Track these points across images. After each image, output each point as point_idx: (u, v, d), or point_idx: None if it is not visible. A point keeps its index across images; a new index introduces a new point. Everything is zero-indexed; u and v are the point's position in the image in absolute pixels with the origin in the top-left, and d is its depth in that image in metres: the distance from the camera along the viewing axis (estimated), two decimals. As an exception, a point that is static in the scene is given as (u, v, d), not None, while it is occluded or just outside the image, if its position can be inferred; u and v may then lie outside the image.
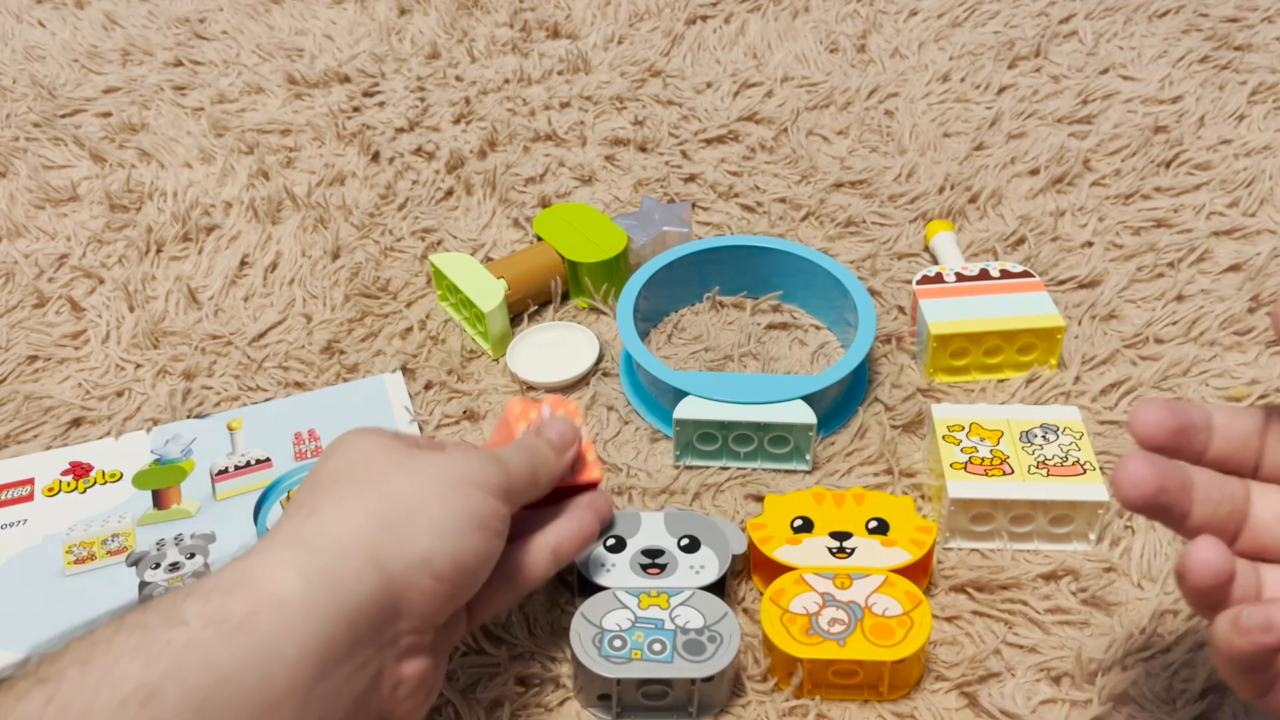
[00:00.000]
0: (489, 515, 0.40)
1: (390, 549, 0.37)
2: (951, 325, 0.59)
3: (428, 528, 0.38)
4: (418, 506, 0.38)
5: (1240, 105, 0.79)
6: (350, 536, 0.37)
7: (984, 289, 0.61)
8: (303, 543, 0.36)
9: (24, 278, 0.70)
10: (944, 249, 0.67)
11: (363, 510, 0.38)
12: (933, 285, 0.62)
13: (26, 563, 0.54)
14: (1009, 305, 0.60)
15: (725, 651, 0.45)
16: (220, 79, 0.88)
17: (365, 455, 0.41)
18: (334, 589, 0.35)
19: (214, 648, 0.32)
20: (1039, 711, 0.46)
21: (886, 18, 0.92)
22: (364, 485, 0.39)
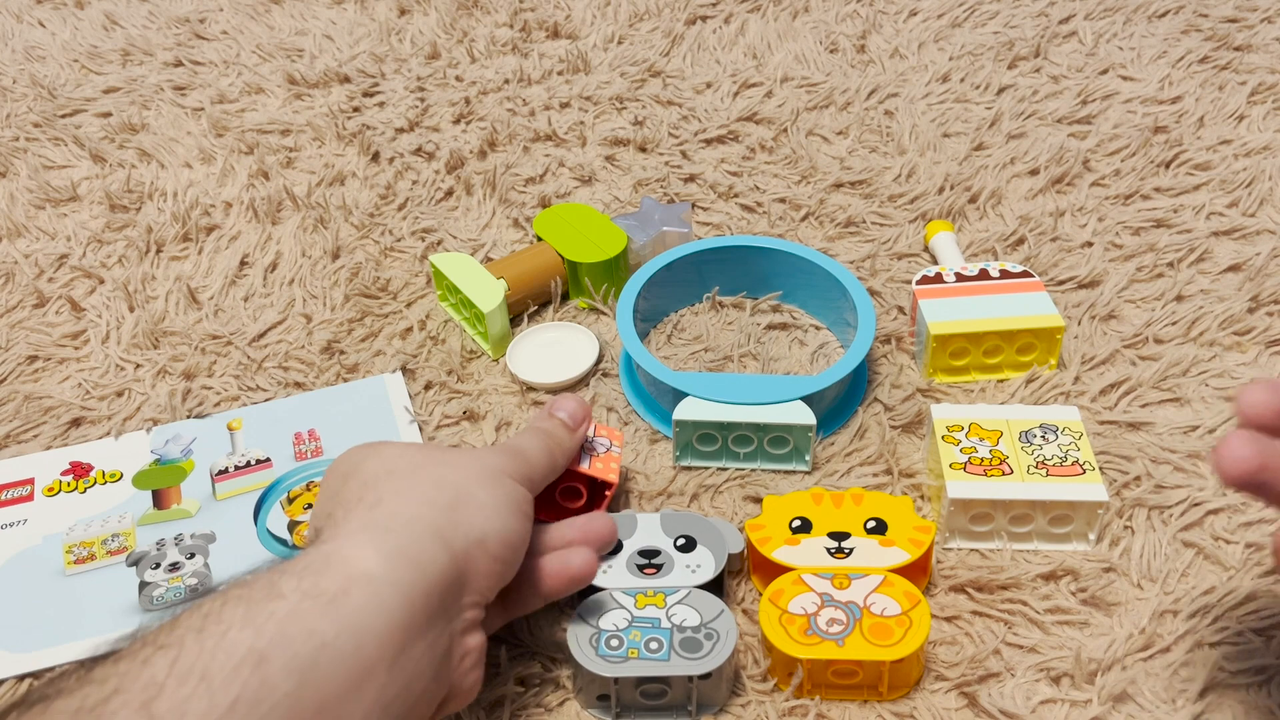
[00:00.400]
0: (522, 500, 0.44)
1: (453, 530, 0.41)
2: (951, 325, 0.59)
3: (479, 511, 0.42)
4: (467, 493, 0.42)
5: (1240, 105, 0.79)
6: (419, 519, 0.40)
7: (984, 289, 0.61)
8: (378, 526, 0.40)
9: (24, 278, 0.70)
10: (944, 249, 0.67)
11: (422, 497, 0.41)
12: (932, 285, 0.62)
13: (26, 563, 0.54)
14: (1009, 305, 0.60)
15: (722, 648, 0.45)
16: (220, 79, 0.88)
17: (402, 456, 0.44)
18: (413, 565, 0.39)
19: (313, 618, 0.36)
20: (1038, 711, 0.46)
21: (886, 18, 0.92)
22: (414, 478, 0.43)
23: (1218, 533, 0.52)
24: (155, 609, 0.51)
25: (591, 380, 0.62)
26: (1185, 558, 0.52)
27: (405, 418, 0.60)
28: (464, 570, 0.41)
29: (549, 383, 0.61)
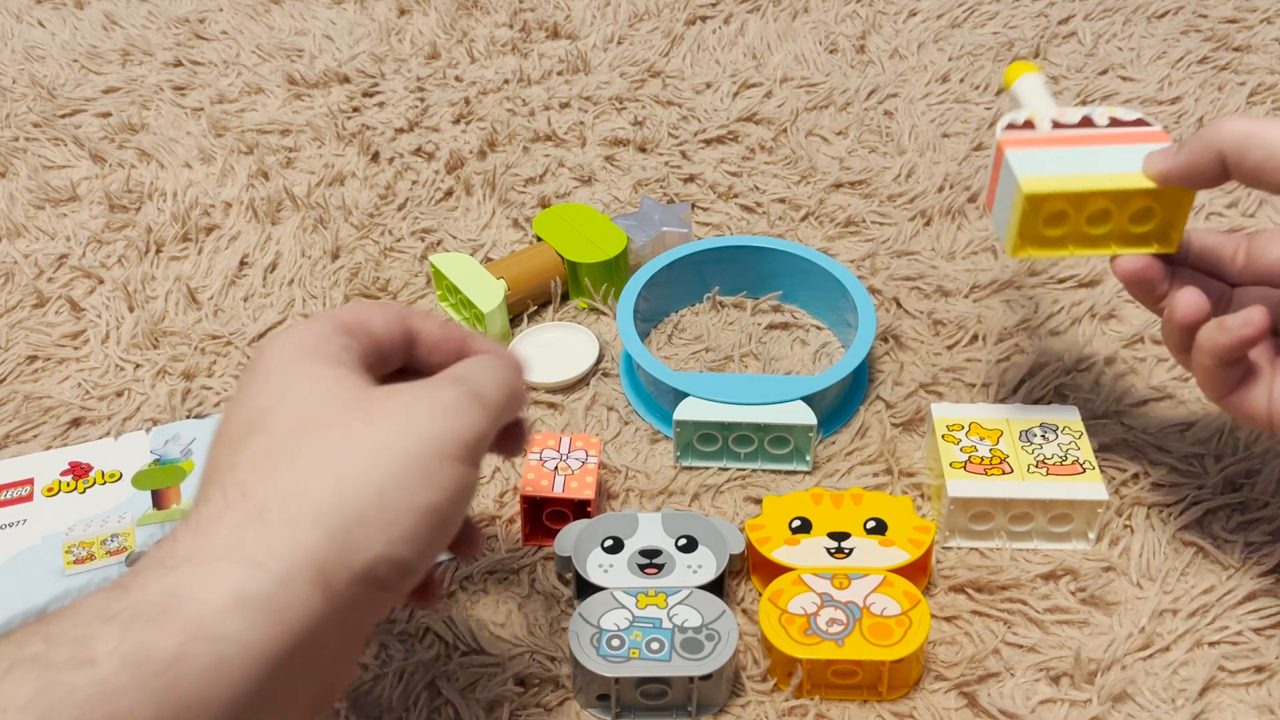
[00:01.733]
0: (455, 499, 0.34)
1: (338, 565, 0.31)
2: (1049, 183, 0.46)
3: (383, 531, 0.32)
4: (374, 501, 0.32)
5: (1239, 106, 0.80)
6: (298, 553, 0.31)
7: (1089, 138, 0.48)
8: (246, 558, 0.30)
9: (24, 278, 0.70)
10: (1030, 95, 0.52)
11: (312, 511, 0.32)
12: (1022, 133, 0.48)
13: (26, 563, 0.54)
14: (1122, 160, 0.46)
15: (723, 650, 0.45)
16: (220, 79, 0.88)
17: (320, 411, 0.34)
18: (279, 621, 0.30)
19: (128, 698, 0.27)
20: (1038, 711, 0.46)
21: (886, 18, 0.92)
22: (313, 463, 0.32)
23: (1217, 532, 0.52)
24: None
25: (591, 380, 0.62)
26: (1185, 557, 0.52)
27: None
28: (345, 611, 0.32)
29: (549, 382, 0.61)
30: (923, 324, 0.64)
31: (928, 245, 0.70)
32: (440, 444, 0.34)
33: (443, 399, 0.35)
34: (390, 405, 0.34)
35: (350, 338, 0.37)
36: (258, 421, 0.34)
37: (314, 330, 0.36)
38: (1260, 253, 0.47)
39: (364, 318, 0.38)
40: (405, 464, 0.33)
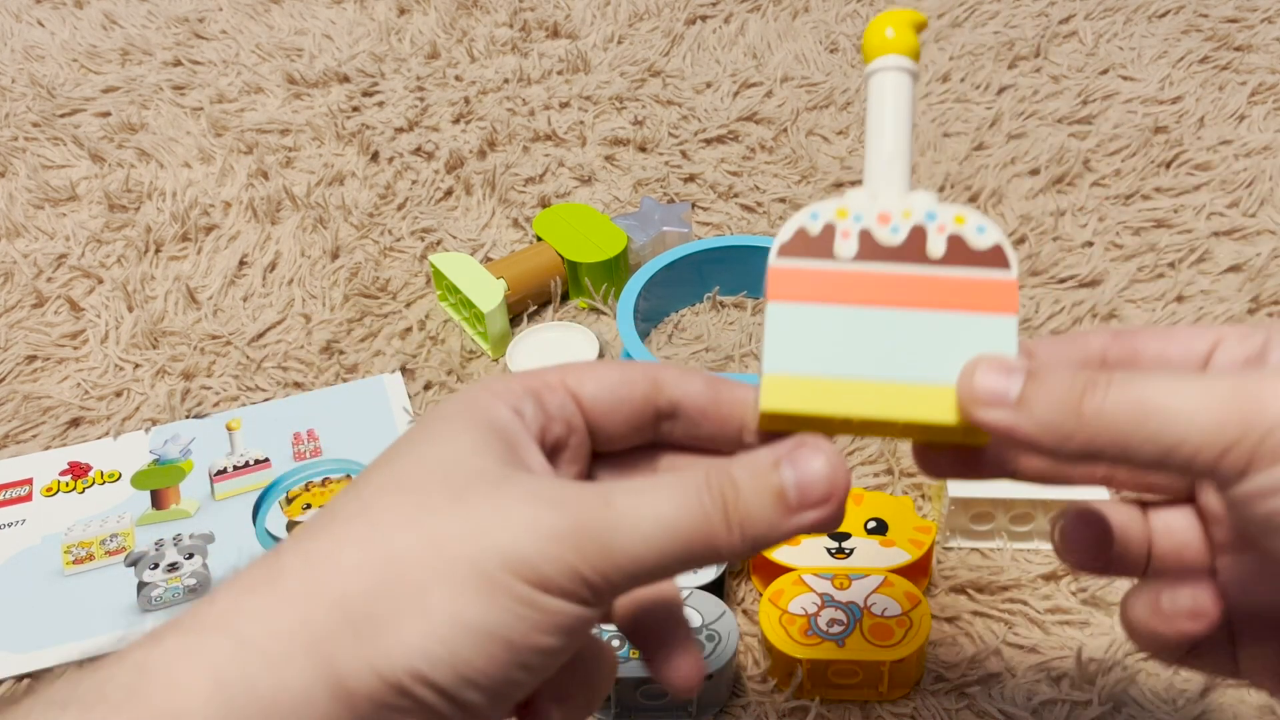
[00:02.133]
0: (529, 629, 0.25)
1: (355, 659, 0.25)
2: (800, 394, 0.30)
3: (418, 640, 0.25)
4: (413, 601, 0.25)
5: (1240, 106, 0.79)
6: (302, 634, 0.25)
7: (901, 288, 0.30)
8: (236, 632, 0.25)
9: (23, 277, 0.70)
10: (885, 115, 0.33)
11: (335, 587, 0.25)
12: (807, 262, 0.32)
13: (25, 563, 0.54)
14: (933, 349, 0.29)
15: (724, 650, 0.45)
16: (219, 79, 0.88)
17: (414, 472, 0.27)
18: (266, 715, 0.24)
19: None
20: (1039, 712, 0.46)
21: (886, 18, 0.91)
22: (360, 533, 0.26)
23: (1218, 533, 0.52)
24: (154, 609, 0.51)
25: (591, 380, 0.62)
26: (1186, 558, 0.51)
27: (404, 418, 0.60)
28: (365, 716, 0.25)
29: (549, 383, 0.61)
30: (923, 324, 0.64)
31: (928, 245, 0.70)
32: (511, 560, 0.25)
33: (547, 519, 0.26)
34: (492, 493, 0.26)
35: (532, 399, 0.29)
36: (360, 478, 0.28)
37: (493, 386, 0.29)
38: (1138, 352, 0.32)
39: (573, 380, 0.31)
40: (459, 565, 0.25)
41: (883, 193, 0.31)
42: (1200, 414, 0.25)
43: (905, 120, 0.32)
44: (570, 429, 0.30)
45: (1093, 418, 0.26)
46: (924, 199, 0.31)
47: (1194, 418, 0.25)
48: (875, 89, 0.32)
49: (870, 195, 0.31)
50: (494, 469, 0.27)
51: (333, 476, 0.57)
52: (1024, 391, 0.27)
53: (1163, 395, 0.25)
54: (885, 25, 0.32)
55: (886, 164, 0.31)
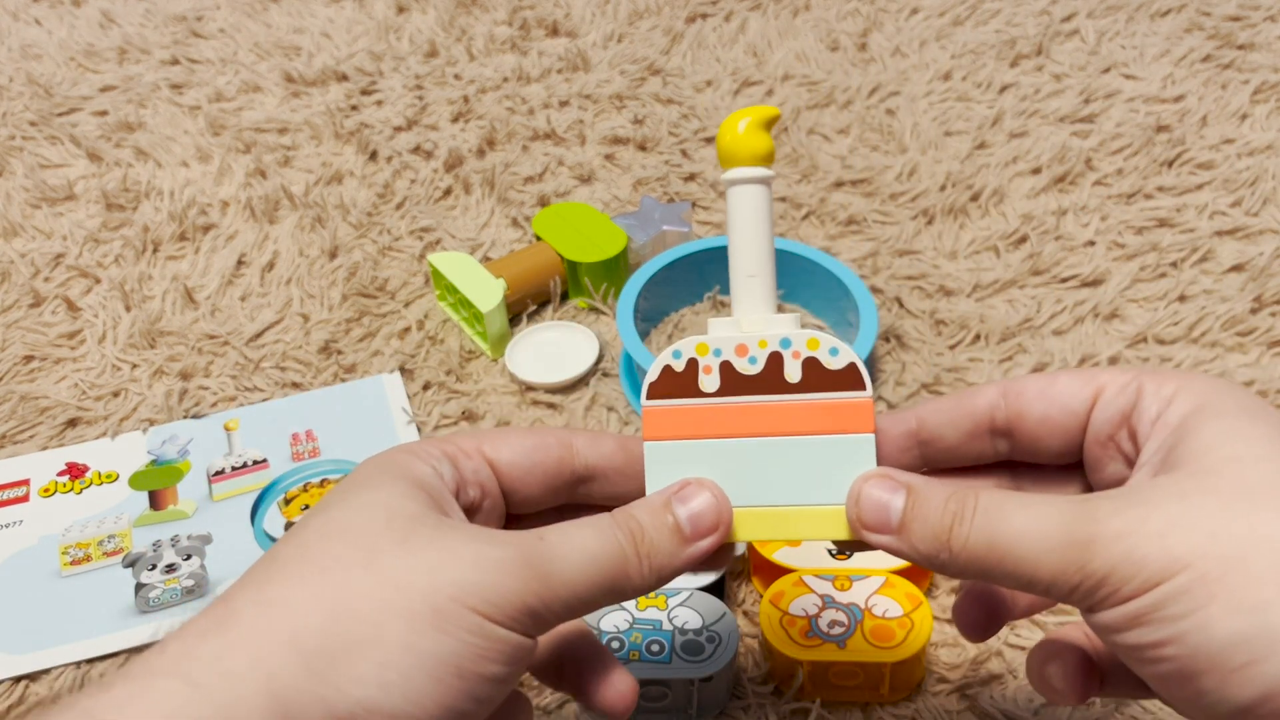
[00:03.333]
0: (478, 655, 0.27)
1: (306, 696, 0.25)
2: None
3: (371, 670, 0.26)
4: (367, 634, 0.26)
5: (1243, 104, 0.79)
6: (256, 675, 0.25)
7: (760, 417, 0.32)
8: (186, 676, 0.25)
9: (20, 277, 0.70)
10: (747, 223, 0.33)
11: (287, 627, 0.26)
12: (672, 402, 0.33)
13: (22, 564, 0.53)
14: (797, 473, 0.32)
15: (724, 652, 0.44)
16: (217, 77, 0.88)
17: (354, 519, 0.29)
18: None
19: None
20: (1041, 713, 0.46)
21: (888, 16, 0.91)
22: (311, 576, 0.27)
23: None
24: (151, 610, 0.51)
25: (591, 380, 0.62)
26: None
27: (403, 418, 0.60)
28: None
29: (548, 382, 0.61)
30: (925, 323, 0.64)
31: (930, 244, 0.70)
32: (462, 591, 0.27)
33: (492, 551, 0.28)
34: (433, 536, 0.28)
35: (449, 462, 0.32)
36: (296, 529, 0.29)
37: (411, 448, 0.32)
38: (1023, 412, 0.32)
39: (489, 446, 0.33)
40: (413, 599, 0.27)
41: (746, 314, 0.33)
42: (1043, 558, 0.27)
43: (765, 235, 0.33)
44: (484, 493, 0.32)
45: (959, 551, 0.28)
46: (783, 323, 0.32)
47: (1038, 561, 0.27)
48: (732, 203, 0.33)
49: (733, 321, 0.33)
50: (429, 515, 0.29)
51: (331, 477, 0.57)
52: (903, 519, 0.29)
53: (1010, 538, 0.27)
54: (736, 128, 0.33)
55: (747, 283, 0.33)
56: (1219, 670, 0.24)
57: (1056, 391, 0.31)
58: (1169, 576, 0.25)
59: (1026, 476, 0.34)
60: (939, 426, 0.33)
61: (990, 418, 0.32)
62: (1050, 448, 0.32)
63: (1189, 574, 0.24)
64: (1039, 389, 0.32)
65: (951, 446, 0.33)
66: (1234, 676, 0.24)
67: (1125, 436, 0.30)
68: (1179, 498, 0.26)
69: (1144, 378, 0.30)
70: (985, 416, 0.33)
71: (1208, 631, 0.24)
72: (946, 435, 0.33)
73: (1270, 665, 0.24)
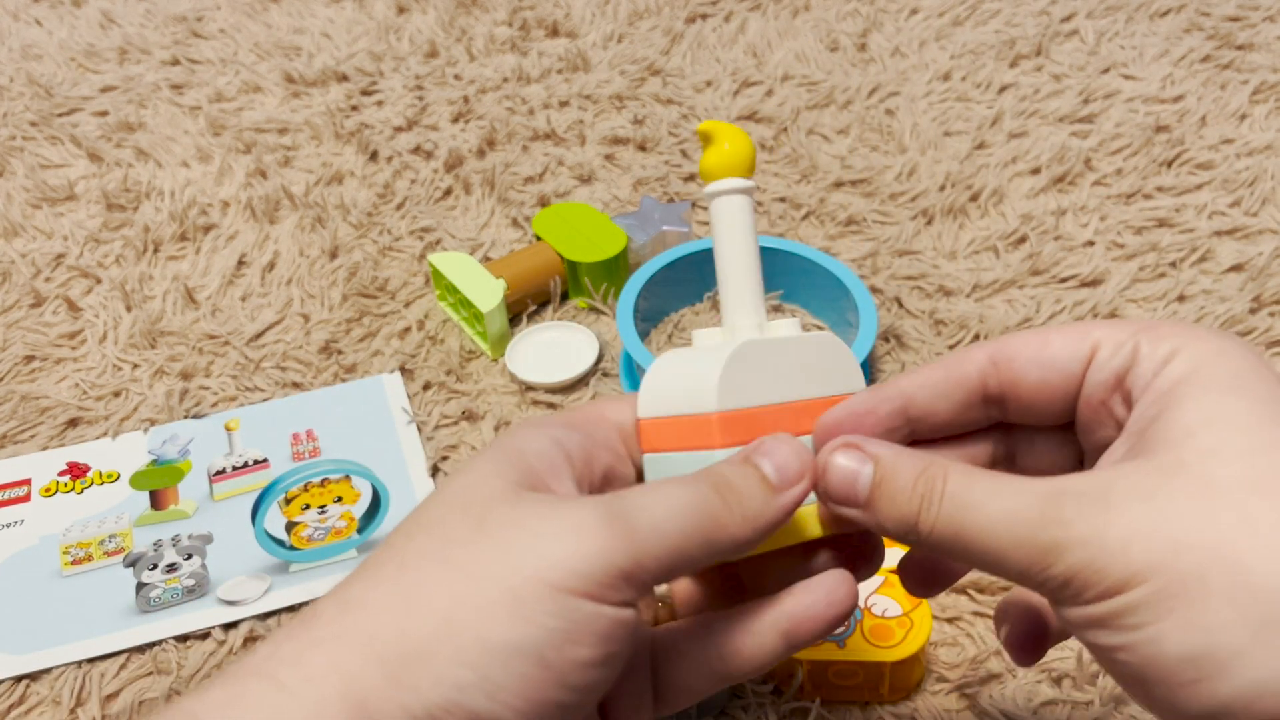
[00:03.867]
0: (564, 641, 0.25)
1: (386, 701, 0.25)
2: None
3: (445, 669, 0.25)
4: (439, 630, 0.25)
5: (1242, 105, 0.79)
6: (333, 679, 0.25)
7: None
8: (271, 677, 0.25)
9: (21, 277, 0.70)
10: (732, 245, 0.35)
11: (364, 628, 0.26)
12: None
13: (23, 564, 0.54)
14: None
15: (725, 653, 0.44)
16: (218, 78, 0.88)
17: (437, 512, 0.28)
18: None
19: None
20: (1040, 713, 0.46)
21: (887, 16, 0.91)
22: (388, 574, 0.27)
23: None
24: (152, 610, 0.51)
25: (591, 380, 0.62)
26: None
27: (403, 418, 0.60)
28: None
29: (549, 382, 0.61)
30: (924, 323, 0.64)
31: (929, 244, 0.70)
32: (540, 569, 0.25)
33: (571, 517, 0.26)
34: (510, 514, 0.27)
35: (579, 433, 0.30)
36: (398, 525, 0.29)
37: (539, 419, 0.31)
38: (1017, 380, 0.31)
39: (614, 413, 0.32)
40: (486, 587, 0.25)
41: (738, 325, 0.33)
42: (1009, 553, 0.26)
43: (751, 245, 0.34)
44: (618, 457, 0.32)
45: (926, 535, 0.28)
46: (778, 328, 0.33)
47: (1004, 555, 0.26)
48: (716, 214, 0.34)
49: (726, 330, 0.34)
50: (510, 491, 0.28)
51: (331, 477, 0.57)
52: (870, 494, 0.29)
53: (976, 529, 0.27)
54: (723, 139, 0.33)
55: (737, 294, 0.34)
56: (1169, 683, 0.24)
57: (1050, 355, 0.30)
58: (1128, 588, 0.24)
59: (1020, 437, 0.33)
60: (929, 401, 0.31)
61: (982, 386, 0.31)
62: (1046, 412, 0.31)
63: (1147, 588, 0.24)
64: (1031, 354, 0.30)
65: (943, 422, 0.32)
66: (1183, 691, 0.24)
67: (1119, 401, 0.29)
68: (1145, 497, 0.25)
69: (1141, 336, 0.28)
70: (977, 386, 0.31)
71: (1160, 645, 0.24)
72: (938, 410, 0.32)
73: (1217, 684, 0.24)
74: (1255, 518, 0.24)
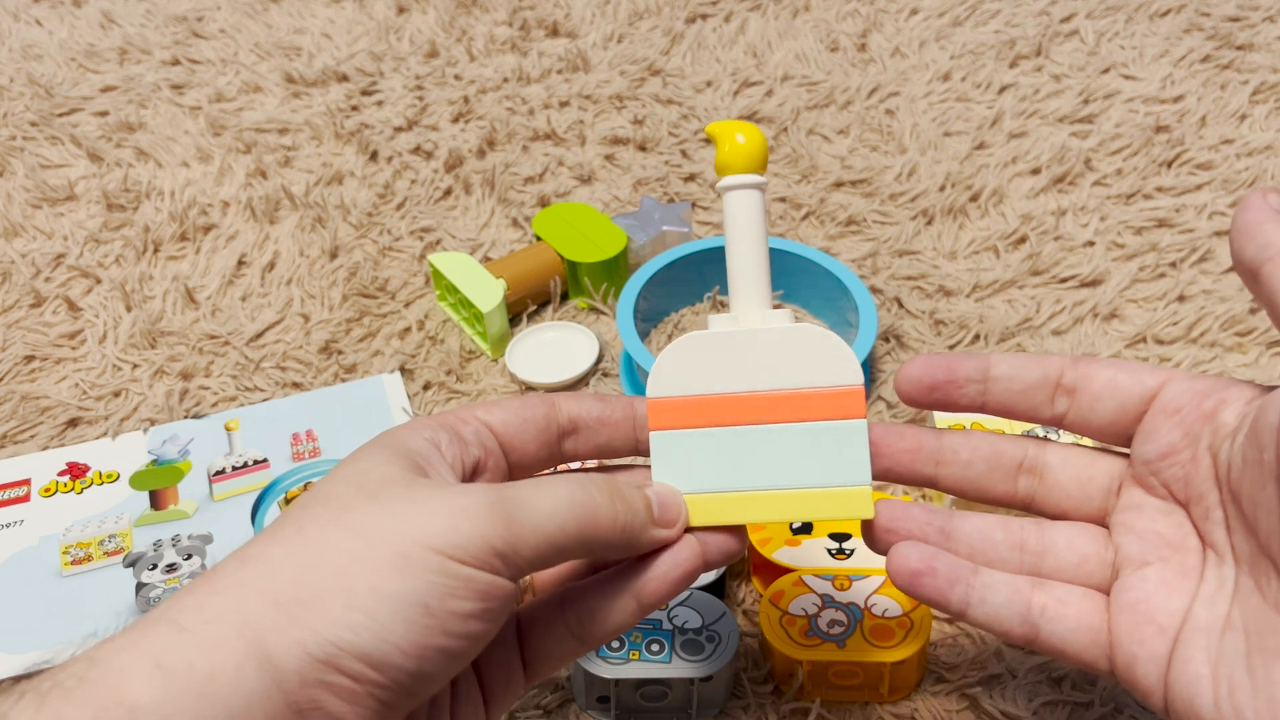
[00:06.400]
0: (446, 594, 0.28)
1: (282, 637, 0.27)
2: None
3: (340, 613, 0.27)
4: (335, 580, 0.28)
5: (1242, 105, 0.79)
6: (233, 618, 0.27)
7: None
8: (174, 621, 0.28)
9: (21, 277, 0.70)
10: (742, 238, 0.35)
11: (264, 578, 0.28)
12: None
13: (23, 564, 0.54)
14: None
15: (724, 651, 0.44)
16: (218, 78, 0.88)
17: (331, 489, 0.31)
18: (202, 693, 0.26)
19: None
20: (1040, 713, 0.46)
21: (887, 16, 0.91)
22: (287, 534, 0.29)
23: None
24: (152, 609, 0.51)
25: (591, 380, 0.62)
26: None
27: (403, 418, 0.60)
28: (297, 701, 0.27)
29: (549, 382, 0.61)
30: (924, 324, 0.64)
31: (929, 244, 0.70)
32: (425, 536, 0.29)
33: (460, 499, 0.30)
34: (403, 492, 0.30)
35: (447, 433, 0.33)
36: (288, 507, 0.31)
37: (410, 423, 0.34)
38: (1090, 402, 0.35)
39: (483, 411, 0.35)
40: (377, 547, 0.28)
41: (744, 315, 0.35)
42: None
43: (761, 238, 0.35)
44: (487, 452, 0.34)
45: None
46: (778, 318, 0.34)
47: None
48: (729, 208, 0.35)
49: (731, 318, 0.35)
50: (404, 476, 0.31)
51: (331, 477, 0.57)
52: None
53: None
54: (736, 134, 0.35)
55: (746, 285, 0.35)
56: None
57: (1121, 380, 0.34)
58: None
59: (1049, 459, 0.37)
60: (1010, 369, 0.35)
61: (1059, 372, 0.35)
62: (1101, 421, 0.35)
63: None
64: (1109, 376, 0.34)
65: (1017, 391, 0.35)
66: None
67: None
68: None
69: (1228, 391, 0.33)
70: (1055, 371, 0.35)
71: None
72: (1016, 378, 0.35)
73: None
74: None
